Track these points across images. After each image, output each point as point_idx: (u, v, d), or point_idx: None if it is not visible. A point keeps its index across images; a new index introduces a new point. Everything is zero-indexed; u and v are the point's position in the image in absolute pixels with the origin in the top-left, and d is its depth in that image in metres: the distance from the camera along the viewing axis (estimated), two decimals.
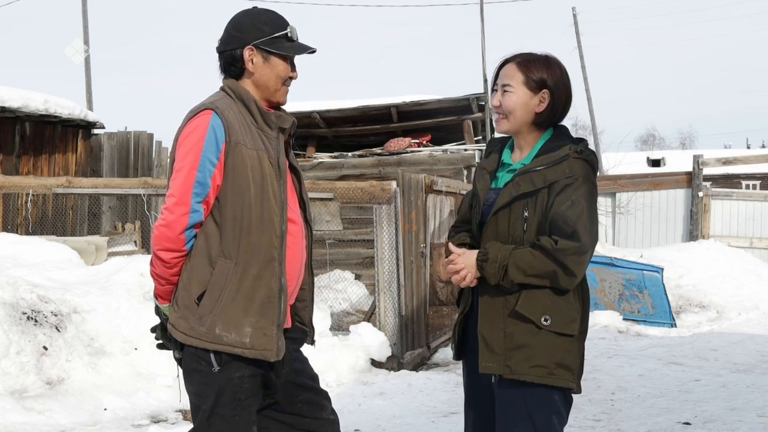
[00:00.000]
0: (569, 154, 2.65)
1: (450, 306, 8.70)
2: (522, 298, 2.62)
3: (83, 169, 12.14)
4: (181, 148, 2.63)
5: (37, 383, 5.55)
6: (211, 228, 2.63)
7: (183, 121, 2.68)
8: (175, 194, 2.59)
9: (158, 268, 2.66)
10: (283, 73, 2.75)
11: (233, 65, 2.74)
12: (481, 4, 14.40)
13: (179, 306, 2.65)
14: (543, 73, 2.72)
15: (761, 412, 5.81)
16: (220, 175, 2.61)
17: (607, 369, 7.39)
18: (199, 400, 2.67)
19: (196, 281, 2.62)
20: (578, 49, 29.20)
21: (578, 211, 2.59)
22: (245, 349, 2.62)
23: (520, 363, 2.61)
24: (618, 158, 22.64)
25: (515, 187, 2.66)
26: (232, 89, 2.73)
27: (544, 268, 2.57)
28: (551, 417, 2.66)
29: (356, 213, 10.85)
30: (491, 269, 2.62)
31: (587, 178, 2.65)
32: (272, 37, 2.71)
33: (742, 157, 17.99)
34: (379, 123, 12.33)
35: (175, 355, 2.71)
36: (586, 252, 2.59)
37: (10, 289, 6.03)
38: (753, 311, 11.48)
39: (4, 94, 10.41)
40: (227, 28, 2.77)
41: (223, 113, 2.62)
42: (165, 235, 2.60)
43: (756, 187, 30.49)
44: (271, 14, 2.77)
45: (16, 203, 10.05)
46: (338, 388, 6.36)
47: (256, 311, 2.63)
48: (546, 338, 2.61)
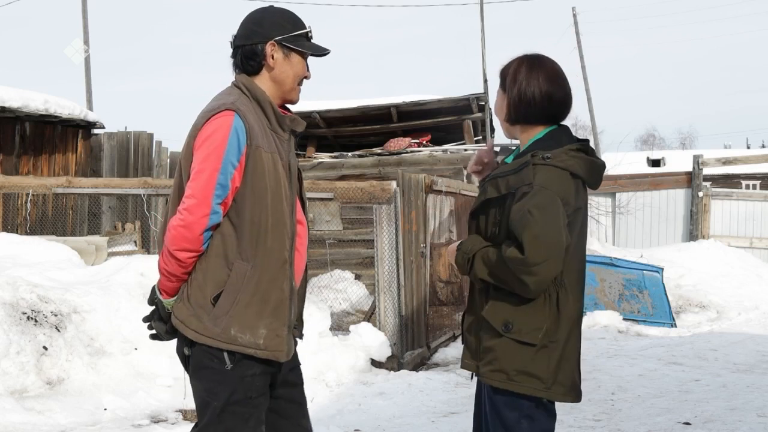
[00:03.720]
0: (530, 161, 2.58)
1: (450, 306, 8.70)
2: (489, 302, 2.66)
3: (83, 169, 12.14)
4: (203, 148, 2.61)
5: (37, 383, 5.54)
6: (228, 229, 2.64)
7: (201, 119, 2.66)
8: (196, 195, 2.58)
9: (171, 266, 2.65)
10: (301, 72, 2.77)
11: (252, 60, 2.73)
12: (481, 4, 14.39)
13: (191, 304, 2.65)
14: (505, 71, 2.74)
15: (761, 412, 5.81)
16: (240, 177, 2.62)
17: (607, 369, 7.39)
18: (210, 397, 2.67)
19: (212, 281, 2.64)
20: (578, 49, 29.19)
21: (525, 222, 2.49)
22: (258, 350, 2.65)
23: (484, 365, 2.67)
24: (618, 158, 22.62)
25: (483, 192, 2.71)
26: (248, 87, 2.72)
27: (501, 272, 2.58)
28: (520, 421, 2.66)
29: (356, 213, 10.85)
30: (459, 258, 2.71)
31: (546, 186, 2.53)
32: (294, 35, 2.74)
33: (742, 157, 18.00)
34: (379, 123, 12.33)
35: (184, 352, 2.71)
36: (531, 266, 2.47)
37: (10, 289, 6.03)
38: (753, 311, 11.49)
39: (4, 94, 10.40)
40: (246, 23, 2.77)
41: (245, 116, 2.63)
42: (183, 236, 2.59)
43: (756, 187, 30.48)
44: (290, 13, 2.80)
45: (16, 203, 10.05)
46: (338, 388, 6.36)
47: (270, 313, 2.67)
48: (507, 345, 2.62)
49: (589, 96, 28.04)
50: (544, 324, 2.61)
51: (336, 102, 12.61)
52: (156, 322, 2.82)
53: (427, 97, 12.25)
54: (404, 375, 6.85)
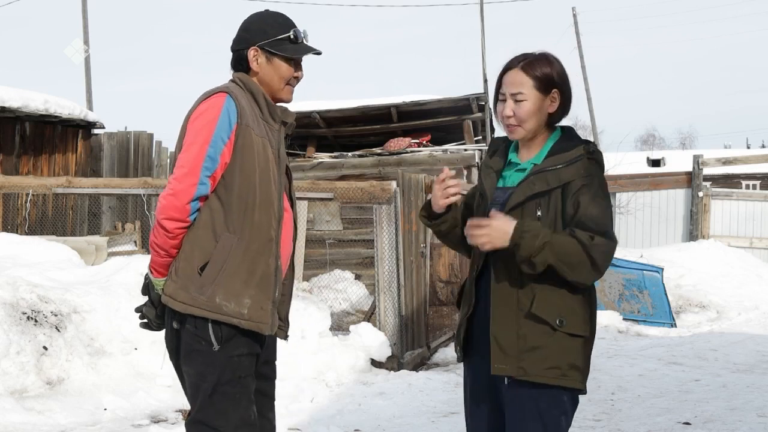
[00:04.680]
0: (584, 155, 2.65)
1: (450, 306, 8.70)
2: (536, 299, 2.61)
3: (83, 169, 12.14)
4: (195, 123, 2.74)
5: (37, 383, 5.54)
6: (216, 204, 2.74)
7: (196, 102, 2.80)
8: (185, 165, 2.69)
9: (160, 238, 2.73)
10: (286, 74, 2.88)
11: (240, 64, 2.89)
12: (481, 4, 14.38)
13: (179, 276, 2.73)
14: (548, 71, 2.69)
15: (761, 412, 5.81)
16: (229, 153, 2.73)
17: (607, 369, 7.39)
18: (200, 380, 2.75)
19: (199, 252, 2.72)
20: (578, 49, 29.21)
21: (605, 211, 2.61)
22: (242, 320, 2.73)
23: (534, 365, 2.60)
24: (618, 158, 22.59)
25: (530, 186, 2.64)
26: (243, 81, 2.86)
27: (576, 257, 2.54)
28: (560, 418, 2.66)
29: (356, 213, 10.85)
30: (532, 241, 2.53)
31: (602, 179, 2.66)
32: (275, 39, 2.85)
33: (742, 157, 17.99)
34: (379, 123, 12.33)
35: (173, 326, 2.78)
36: (614, 251, 2.61)
37: (10, 289, 6.03)
38: (753, 311, 11.49)
39: (4, 94, 10.40)
40: (239, 29, 2.92)
41: (237, 97, 2.76)
42: (172, 204, 2.68)
43: (756, 187, 30.48)
44: (279, 17, 2.91)
45: (16, 203, 10.05)
46: (338, 388, 6.36)
47: (255, 285, 2.75)
48: (560, 340, 2.61)
49: (589, 96, 28.06)
50: (588, 317, 2.67)
51: (336, 102, 12.60)
52: (147, 307, 2.90)
53: (427, 97, 12.24)
54: (404, 375, 6.85)
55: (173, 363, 2.91)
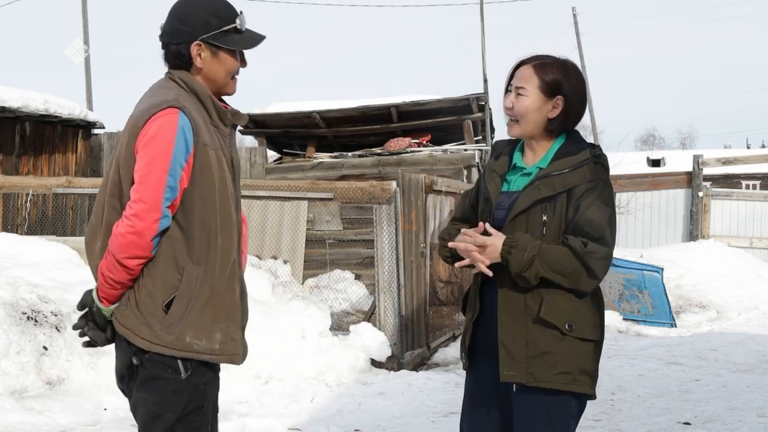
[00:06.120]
0: (590, 158, 2.62)
1: (450, 306, 8.69)
2: (545, 304, 2.57)
3: (83, 169, 12.13)
4: (149, 149, 2.46)
5: (37, 383, 5.54)
6: (176, 232, 2.53)
7: (142, 117, 2.51)
8: (145, 200, 2.44)
9: (118, 274, 2.51)
10: (233, 68, 2.63)
11: (179, 59, 2.59)
12: (481, 4, 14.39)
13: (141, 312, 2.53)
14: (559, 78, 2.66)
15: (761, 412, 5.81)
16: (188, 177, 2.51)
17: (607, 369, 7.38)
18: (161, 409, 2.55)
19: (162, 288, 2.52)
20: (578, 49, 29.23)
21: (605, 216, 2.57)
22: (214, 355, 2.58)
23: (544, 370, 2.57)
24: (618, 158, 22.58)
25: (536, 191, 2.60)
26: (186, 81, 2.59)
27: (569, 267, 2.52)
28: (570, 422, 2.66)
29: (356, 213, 10.83)
30: (519, 256, 2.53)
31: (608, 183, 2.64)
32: (221, 31, 2.57)
33: (742, 157, 18.00)
34: (379, 123, 12.32)
35: (132, 361, 2.58)
36: (611, 257, 2.58)
37: (10, 289, 6.03)
38: (753, 311, 11.49)
39: (4, 94, 10.40)
40: (171, 17, 2.62)
41: (190, 113, 2.51)
42: (135, 243, 2.46)
43: (756, 187, 30.49)
44: (218, 2, 2.62)
45: (16, 203, 10.04)
46: (338, 388, 6.35)
47: (225, 317, 2.59)
48: (570, 344, 2.58)
49: (589, 96, 28.01)
50: (597, 320, 2.66)
51: (336, 102, 12.60)
52: (92, 330, 2.69)
53: (427, 97, 12.25)
54: (404, 375, 6.84)
55: (120, 387, 2.71)
